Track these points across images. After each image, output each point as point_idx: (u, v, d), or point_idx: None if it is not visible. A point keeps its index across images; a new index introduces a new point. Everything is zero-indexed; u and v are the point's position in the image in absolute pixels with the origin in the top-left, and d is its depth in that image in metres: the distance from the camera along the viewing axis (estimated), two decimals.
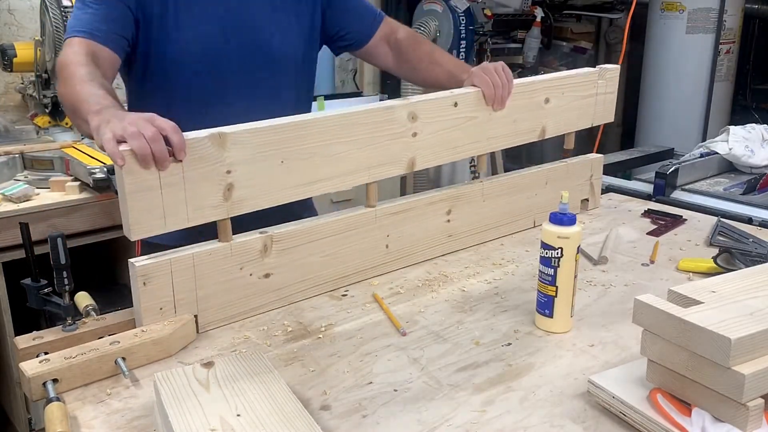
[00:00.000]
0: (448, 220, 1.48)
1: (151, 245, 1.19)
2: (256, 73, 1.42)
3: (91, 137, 1.10)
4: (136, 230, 1.02)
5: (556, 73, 1.61)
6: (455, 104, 1.39)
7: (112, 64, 1.30)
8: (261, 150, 1.13)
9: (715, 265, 1.36)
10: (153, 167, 1.00)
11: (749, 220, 1.84)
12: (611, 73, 1.70)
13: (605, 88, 1.69)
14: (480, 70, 1.45)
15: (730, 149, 2.34)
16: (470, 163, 1.53)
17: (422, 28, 3.27)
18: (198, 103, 1.37)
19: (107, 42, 1.28)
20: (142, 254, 1.11)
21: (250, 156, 1.12)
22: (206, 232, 1.15)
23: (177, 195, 1.05)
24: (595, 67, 1.70)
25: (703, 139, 3.33)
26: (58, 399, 0.91)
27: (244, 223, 1.18)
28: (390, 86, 3.54)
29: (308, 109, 1.56)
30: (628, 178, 2.47)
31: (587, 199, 1.79)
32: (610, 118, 1.75)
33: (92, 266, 2.23)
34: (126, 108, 1.32)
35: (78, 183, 2.09)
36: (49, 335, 1.03)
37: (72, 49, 1.25)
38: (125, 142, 0.98)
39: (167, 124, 1.01)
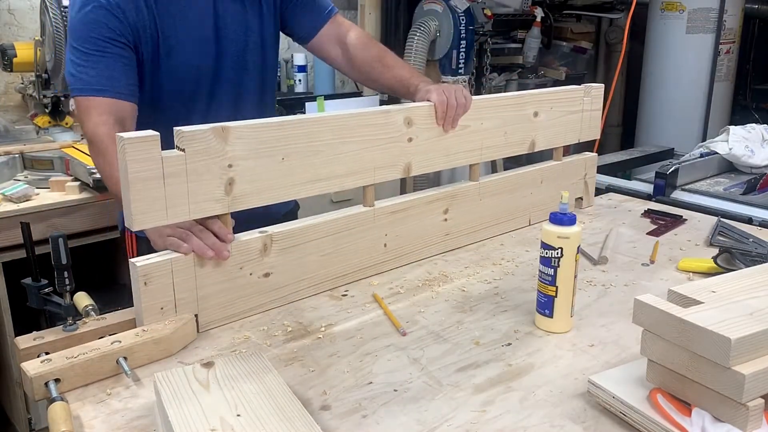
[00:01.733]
0: (445, 219, 1.48)
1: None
2: (244, 86, 1.49)
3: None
4: (138, 220, 1.02)
5: (544, 89, 1.66)
6: None
7: (133, 114, 1.33)
8: (262, 146, 1.13)
9: (715, 265, 1.36)
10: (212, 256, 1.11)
11: (749, 220, 1.84)
12: (596, 91, 1.74)
13: (591, 105, 1.74)
14: (440, 86, 1.43)
15: (730, 149, 2.34)
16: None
17: (422, 28, 3.27)
18: (189, 115, 1.38)
19: (122, 95, 1.31)
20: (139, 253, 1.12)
21: (252, 151, 1.12)
22: None
23: (180, 187, 1.05)
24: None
25: (703, 139, 3.33)
26: (61, 399, 0.91)
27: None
28: None
29: (272, 109, 1.63)
30: (628, 178, 2.48)
31: (581, 198, 1.80)
32: (596, 134, 1.81)
33: (92, 266, 2.23)
34: None
35: (78, 183, 2.10)
36: (49, 335, 1.03)
37: (95, 114, 1.28)
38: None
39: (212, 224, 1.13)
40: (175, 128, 1.05)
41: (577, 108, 1.70)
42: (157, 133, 1.02)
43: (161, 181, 1.03)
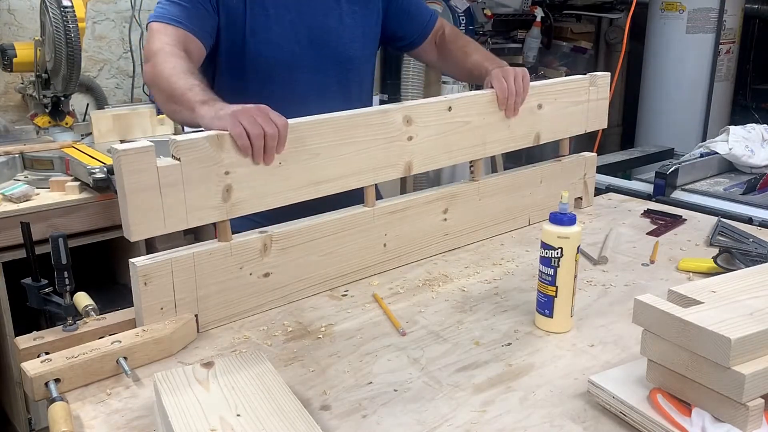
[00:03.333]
0: (445, 219, 1.48)
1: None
2: (327, 74, 1.51)
3: (189, 124, 1.23)
4: (135, 231, 1.03)
5: (548, 80, 1.65)
6: (449, 108, 1.40)
7: (200, 55, 1.39)
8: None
9: (715, 265, 1.36)
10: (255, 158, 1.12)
11: (749, 220, 1.84)
12: (602, 80, 1.72)
13: (597, 95, 1.71)
14: (500, 72, 1.49)
15: (730, 149, 2.34)
16: (470, 165, 1.54)
17: None
18: (272, 102, 1.33)
19: (196, 34, 1.37)
20: None
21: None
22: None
23: (176, 196, 1.05)
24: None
25: (703, 139, 3.33)
26: (61, 399, 0.91)
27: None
28: (390, 86, 3.54)
29: (370, 104, 1.64)
30: (628, 178, 2.47)
31: (581, 198, 1.80)
32: (603, 124, 1.78)
33: (92, 266, 2.23)
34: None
35: (78, 183, 2.10)
36: (49, 335, 1.03)
37: (164, 36, 1.33)
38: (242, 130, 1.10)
39: (281, 121, 1.14)
40: (170, 138, 1.06)
41: (582, 98, 1.68)
42: (152, 144, 1.02)
43: (157, 191, 1.03)
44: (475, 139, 1.47)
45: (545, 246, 1.11)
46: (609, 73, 1.75)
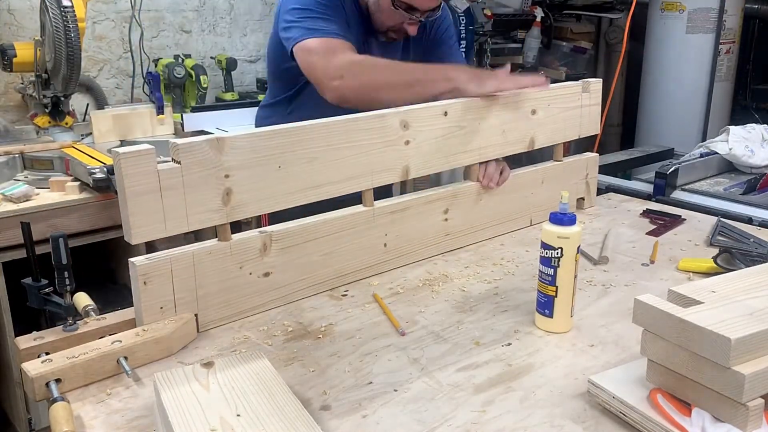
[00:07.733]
0: (446, 219, 1.48)
1: None
2: None
3: (434, 98, 1.41)
4: (137, 233, 1.03)
5: None
6: (445, 113, 1.41)
7: None
8: (257, 155, 1.14)
9: (715, 265, 1.36)
10: None
11: (749, 220, 1.84)
12: (594, 86, 1.73)
13: (589, 101, 1.72)
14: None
15: (730, 149, 2.34)
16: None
17: None
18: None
19: (350, 41, 1.49)
20: None
21: (247, 161, 1.13)
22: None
23: (177, 198, 1.05)
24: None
25: (703, 139, 3.33)
26: (62, 399, 0.91)
27: None
28: None
29: None
30: (628, 178, 2.47)
31: (583, 198, 1.80)
32: (596, 129, 1.79)
33: (92, 266, 2.23)
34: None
35: (78, 183, 2.10)
36: (50, 335, 1.03)
37: (349, 51, 1.46)
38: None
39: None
40: (170, 141, 1.07)
41: (575, 104, 1.69)
42: (153, 147, 1.03)
43: (158, 194, 1.03)
44: (469, 144, 1.47)
45: (545, 246, 1.11)
46: (601, 80, 1.76)
